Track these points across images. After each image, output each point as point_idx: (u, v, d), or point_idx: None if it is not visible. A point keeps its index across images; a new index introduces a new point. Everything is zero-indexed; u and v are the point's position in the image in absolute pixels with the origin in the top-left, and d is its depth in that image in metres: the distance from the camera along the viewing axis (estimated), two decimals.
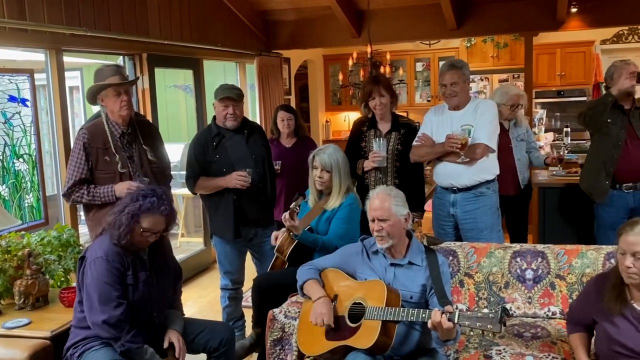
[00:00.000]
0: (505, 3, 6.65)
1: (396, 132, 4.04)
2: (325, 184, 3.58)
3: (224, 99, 3.90)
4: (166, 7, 5.62)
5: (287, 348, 3.17)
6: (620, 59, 4.24)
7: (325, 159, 3.54)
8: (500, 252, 3.39)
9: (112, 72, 3.43)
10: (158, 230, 2.82)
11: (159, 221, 2.80)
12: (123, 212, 2.75)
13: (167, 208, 2.81)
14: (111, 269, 2.70)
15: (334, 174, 3.54)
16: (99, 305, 2.66)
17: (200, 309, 5.07)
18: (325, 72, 9.78)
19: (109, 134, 3.42)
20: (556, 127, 8.38)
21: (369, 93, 3.98)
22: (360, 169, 4.03)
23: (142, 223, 2.76)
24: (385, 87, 4.01)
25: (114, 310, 2.66)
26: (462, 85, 3.83)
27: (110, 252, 2.73)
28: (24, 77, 4.23)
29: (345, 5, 6.84)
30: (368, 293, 2.75)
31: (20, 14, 4.05)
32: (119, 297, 2.69)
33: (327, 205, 3.59)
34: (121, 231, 2.73)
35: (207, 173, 3.96)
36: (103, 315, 2.65)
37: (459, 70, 3.82)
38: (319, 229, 3.61)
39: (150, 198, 2.78)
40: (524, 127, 4.96)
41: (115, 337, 2.66)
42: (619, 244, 2.36)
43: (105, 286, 2.68)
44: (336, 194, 3.57)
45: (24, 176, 4.23)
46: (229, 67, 7.73)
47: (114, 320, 2.65)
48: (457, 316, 2.40)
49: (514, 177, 4.80)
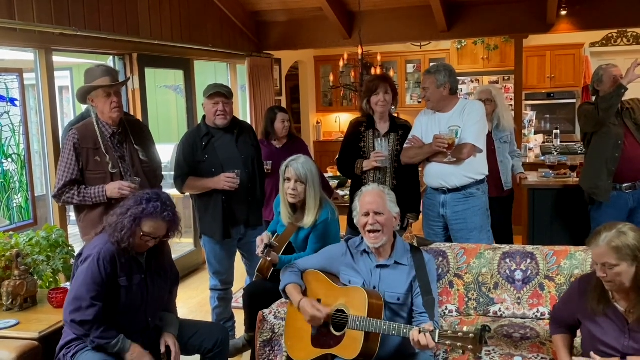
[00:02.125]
0: (496, 5, 6.68)
1: (394, 133, 4.07)
2: (298, 197, 3.36)
3: (213, 95, 3.90)
4: (157, 7, 5.61)
5: (277, 349, 3.17)
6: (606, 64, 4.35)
7: (299, 169, 3.33)
8: (490, 253, 3.40)
9: (103, 72, 3.41)
10: (158, 235, 2.79)
11: (160, 227, 2.77)
12: (126, 215, 2.72)
13: (170, 214, 2.78)
14: (97, 270, 2.67)
15: (308, 186, 3.34)
16: (72, 304, 2.66)
17: (190, 310, 5.06)
18: (316, 73, 9.79)
19: (99, 134, 3.40)
20: (546, 129, 8.43)
21: (375, 88, 4.00)
22: (360, 168, 4.03)
23: (143, 227, 2.73)
24: (391, 86, 4.07)
25: (84, 311, 2.63)
26: (434, 89, 3.89)
27: (103, 252, 2.71)
28: (13, 77, 4.21)
29: (336, 6, 6.85)
30: (350, 300, 2.74)
31: (10, 13, 4.03)
32: (94, 298, 2.65)
33: (302, 223, 3.41)
34: (123, 234, 2.70)
35: (196, 173, 3.95)
36: (72, 315, 2.64)
37: (431, 75, 3.91)
38: (297, 245, 3.49)
39: (155, 202, 2.75)
40: (508, 130, 4.96)
41: (84, 334, 2.66)
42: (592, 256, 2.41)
43: (83, 286, 2.66)
44: (311, 209, 3.36)
45: (12, 176, 4.20)
46: (220, 67, 7.72)
47: (79, 320, 2.63)
48: (437, 335, 2.41)
49: (497, 179, 4.79)
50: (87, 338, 2.67)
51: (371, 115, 4.10)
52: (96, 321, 2.65)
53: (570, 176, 5.28)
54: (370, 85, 4.05)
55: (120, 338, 2.70)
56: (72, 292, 2.69)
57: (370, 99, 4.02)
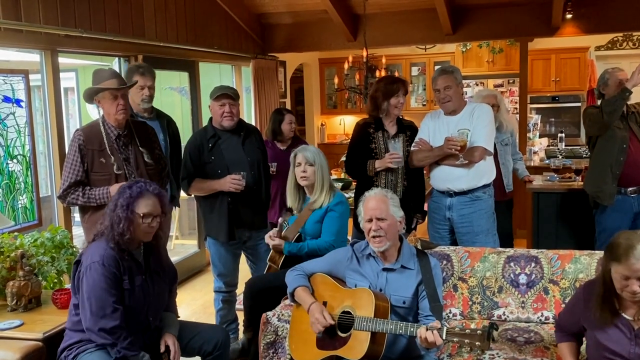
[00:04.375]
0: (501, 9, 6.68)
1: (403, 134, 4.08)
2: (309, 179, 3.59)
3: (220, 96, 3.91)
4: (162, 9, 5.62)
5: (280, 352, 3.17)
6: (612, 67, 4.34)
7: (308, 154, 3.59)
8: (494, 256, 3.39)
9: (111, 75, 3.44)
10: (157, 212, 2.79)
11: (154, 202, 2.78)
12: (117, 207, 2.73)
13: (156, 188, 2.81)
14: (107, 274, 2.67)
15: (317, 167, 3.57)
16: (96, 312, 2.64)
17: (193, 312, 5.06)
18: (320, 76, 9.79)
19: (104, 136, 3.42)
20: (550, 133, 8.42)
21: (396, 90, 3.99)
22: (372, 170, 4.01)
23: (139, 209, 2.73)
24: (406, 89, 4.11)
25: (110, 317, 2.64)
26: (455, 88, 3.85)
27: (106, 257, 2.70)
28: (18, 78, 4.22)
29: (341, 9, 6.85)
30: (356, 302, 2.74)
31: (16, 14, 4.05)
32: (115, 302, 2.67)
33: (314, 205, 3.61)
34: (122, 226, 2.69)
35: (202, 174, 3.96)
36: (99, 323, 2.63)
37: (450, 74, 3.86)
38: (308, 231, 3.61)
39: (137, 184, 2.78)
40: (509, 132, 4.96)
41: (111, 343, 2.65)
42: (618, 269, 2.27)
43: (102, 292, 2.65)
44: (319, 189, 3.59)
45: (17, 177, 4.21)
46: (225, 69, 7.73)
47: (110, 327, 2.63)
48: (445, 332, 2.41)
49: (499, 181, 4.77)
50: (114, 348, 2.65)
51: (379, 116, 4.09)
52: (124, 327, 2.66)
53: (575, 180, 5.26)
54: (394, 87, 4.02)
55: (145, 357, 2.71)
56: (92, 301, 2.65)
57: (390, 100, 4.00)
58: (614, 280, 2.31)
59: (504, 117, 4.94)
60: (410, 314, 2.78)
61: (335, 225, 3.55)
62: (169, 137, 4.29)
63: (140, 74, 4.06)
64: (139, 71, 4.10)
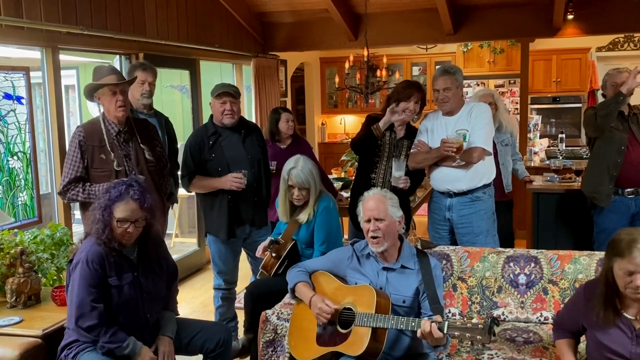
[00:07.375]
0: (502, 9, 6.67)
1: (408, 141, 4.04)
2: (303, 199, 3.59)
3: (221, 94, 3.91)
4: (163, 7, 5.62)
5: (280, 350, 3.17)
6: (614, 68, 4.32)
7: (300, 175, 3.52)
8: (494, 256, 3.39)
9: (110, 71, 3.46)
10: (135, 218, 2.72)
11: (132, 208, 2.70)
12: (96, 208, 2.73)
13: (137, 192, 2.72)
14: (90, 271, 2.67)
15: (311, 189, 3.57)
16: (74, 310, 2.66)
17: (193, 310, 5.06)
18: (321, 75, 9.80)
19: (104, 132, 3.42)
20: (551, 133, 8.43)
21: (408, 96, 3.88)
22: (378, 128, 3.91)
23: (116, 213, 2.69)
24: (423, 98, 3.98)
25: (89, 315, 2.64)
26: (455, 90, 3.83)
27: (90, 254, 2.69)
28: (19, 75, 4.22)
29: (343, 8, 6.85)
30: (358, 298, 2.74)
31: (17, 11, 4.05)
32: (94, 301, 2.66)
33: (301, 219, 3.61)
34: (99, 227, 2.69)
35: (203, 172, 3.96)
36: (78, 322, 2.64)
37: (451, 75, 3.82)
38: (302, 240, 3.65)
39: (119, 186, 2.74)
40: (509, 132, 4.96)
41: (92, 340, 2.66)
42: (622, 264, 2.27)
43: (81, 291, 2.66)
44: (310, 206, 3.59)
45: (18, 174, 4.22)
46: (226, 68, 7.73)
47: (86, 326, 2.64)
48: (447, 326, 2.41)
49: (499, 182, 4.76)
50: (97, 344, 2.66)
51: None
52: (102, 324, 2.66)
53: (576, 180, 5.26)
54: (406, 92, 3.90)
55: (131, 341, 2.71)
56: (73, 299, 2.68)
57: (400, 104, 3.89)
58: (617, 277, 2.31)
59: (504, 117, 4.93)
60: (411, 313, 2.78)
61: (322, 233, 3.57)
62: (167, 136, 4.32)
63: (142, 69, 4.12)
64: (141, 67, 4.15)
